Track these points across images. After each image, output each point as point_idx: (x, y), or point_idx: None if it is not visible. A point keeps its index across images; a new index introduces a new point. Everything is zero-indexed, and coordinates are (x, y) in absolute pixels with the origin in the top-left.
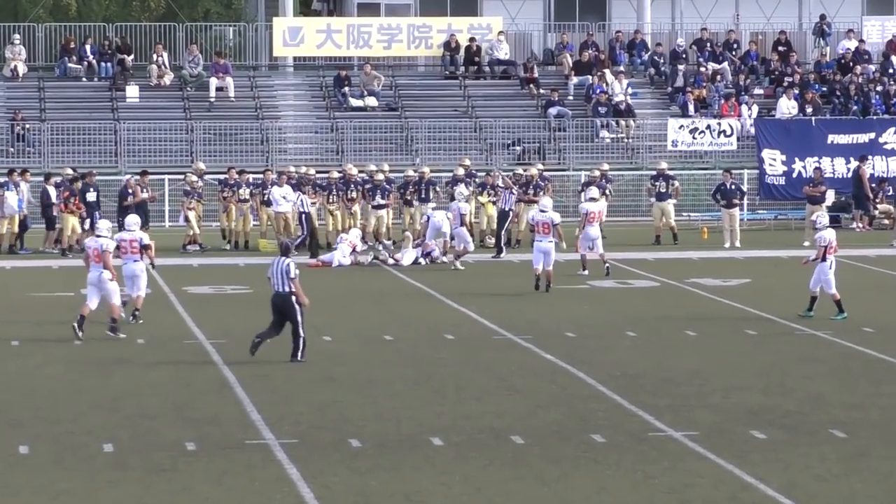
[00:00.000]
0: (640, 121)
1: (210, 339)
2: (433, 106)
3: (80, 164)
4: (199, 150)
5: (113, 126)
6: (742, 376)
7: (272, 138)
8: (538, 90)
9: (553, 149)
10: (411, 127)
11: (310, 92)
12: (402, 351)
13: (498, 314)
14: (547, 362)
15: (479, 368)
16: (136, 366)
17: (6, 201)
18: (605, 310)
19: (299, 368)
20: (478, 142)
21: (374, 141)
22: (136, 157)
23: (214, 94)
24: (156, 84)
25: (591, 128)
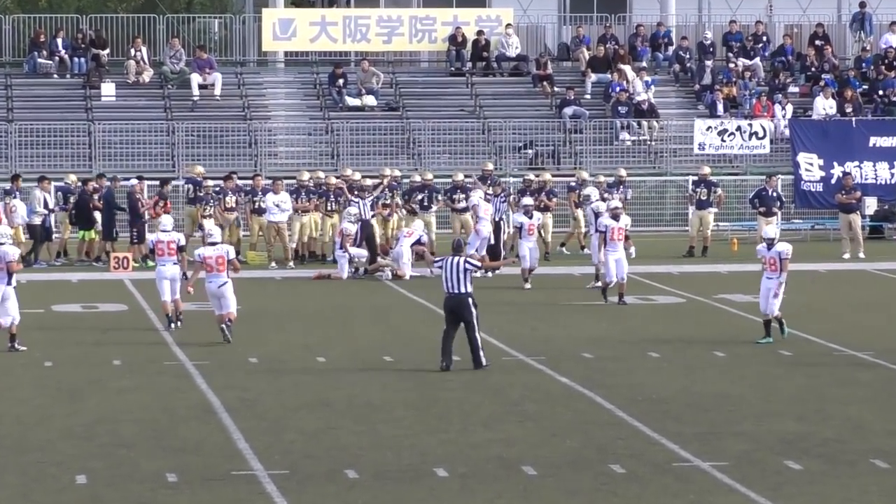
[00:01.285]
0: (664, 122)
1: (193, 361)
2: (437, 105)
3: (51, 169)
4: (181, 154)
5: (87, 127)
6: (775, 401)
7: (261, 140)
8: (552, 88)
9: (568, 152)
10: (413, 128)
11: (302, 90)
12: (403, 373)
13: (508, 333)
14: (562, 386)
15: (487, 392)
16: (111, 390)
17: (15, 210)
18: (626, 328)
19: (290, 393)
20: (486, 144)
21: (372, 143)
22: (112, 161)
23: (198, 93)
24: (134, 81)
25: (609, 129)
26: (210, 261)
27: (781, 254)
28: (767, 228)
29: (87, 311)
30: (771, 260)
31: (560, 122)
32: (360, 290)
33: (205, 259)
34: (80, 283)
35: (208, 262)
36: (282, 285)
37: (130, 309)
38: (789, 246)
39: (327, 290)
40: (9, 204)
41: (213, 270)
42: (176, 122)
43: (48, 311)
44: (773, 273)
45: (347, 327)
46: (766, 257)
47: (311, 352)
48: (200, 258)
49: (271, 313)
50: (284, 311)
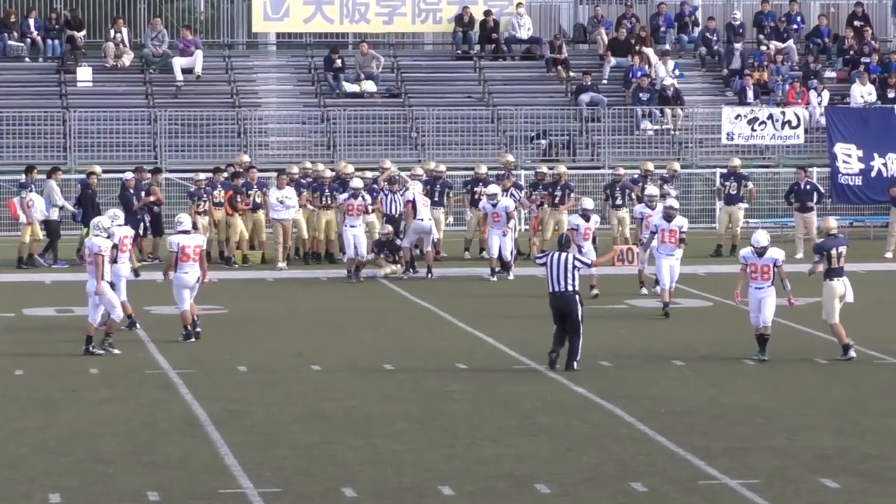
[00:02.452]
0: (689, 109)
1: (176, 369)
2: (442, 92)
3: (22, 160)
4: (164, 144)
5: (61, 115)
6: (811, 414)
7: (251, 130)
8: (567, 73)
9: (585, 143)
10: (416, 117)
11: (296, 75)
12: (405, 383)
13: (519, 339)
14: (578, 397)
15: (496, 404)
16: (88, 401)
17: (33, 204)
18: (647, 334)
19: (282, 404)
20: (495, 134)
21: (372, 133)
22: (89, 152)
23: (182, 78)
24: (112, 65)
25: (630, 118)
26: (188, 250)
27: (776, 261)
28: (759, 234)
29: (61, 315)
30: (763, 268)
31: (576, 109)
32: (358, 292)
33: (182, 248)
34: (53, 285)
35: (185, 252)
36: (273, 287)
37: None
38: (782, 252)
39: (322, 292)
40: (25, 198)
41: (188, 260)
42: (158, 109)
43: (19, 314)
44: (763, 282)
45: (344, 333)
46: (758, 265)
47: (304, 359)
48: (177, 247)
49: (262, 317)
50: (276, 315)
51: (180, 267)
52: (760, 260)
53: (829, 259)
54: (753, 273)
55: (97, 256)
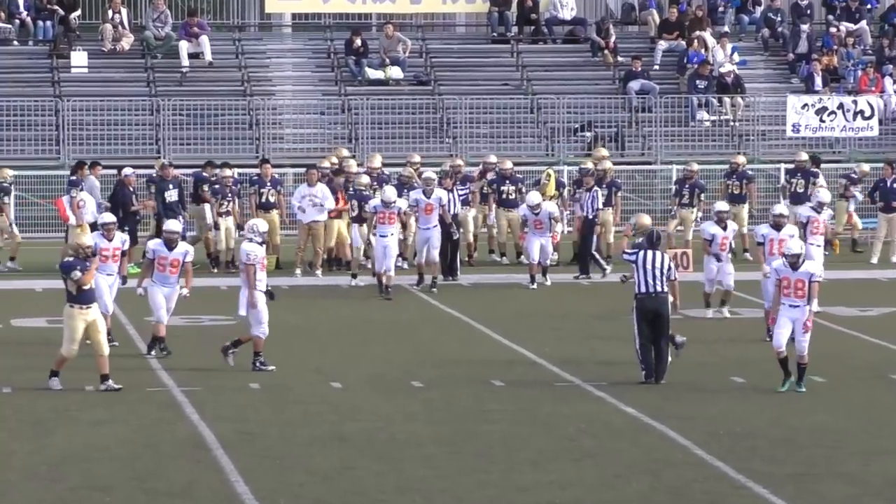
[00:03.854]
0: (751, 98)
1: (181, 386)
2: (476, 79)
3: (9, 155)
4: (168, 136)
5: (53, 104)
6: (886, 436)
7: (264, 121)
8: (615, 58)
9: (634, 135)
10: (447, 106)
11: (314, 60)
12: (435, 401)
13: (562, 353)
14: (627, 417)
15: (536, 425)
16: (83, 421)
17: (84, 205)
18: (704, 348)
19: (299, 425)
20: (535, 126)
21: (398, 125)
22: (85, 145)
23: (188, 63)
24: (110, 49)
25: (684, 107)
26: (164, 260)
27: (812, 276)
28: (791, 243)
29: (53, 327)
30: (798, 283)
31: (624, 98)
32: (382, 301)
33: (159, 259)
34: (44, 293)
35: (161, 263)
36: (289, 295)
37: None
38: (820, 266)
39: (343, 301)
40: (76, 198)
41: (164, 271)
42: (161, 98)
43: (6, 325)
44: (798, 300)
45: (367, 346)
46: (791, 279)
47: (323, 375)
48: (154, 255)
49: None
50: (292, 326)
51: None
52: (795, 273)
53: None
54: (786, 289)
55: (248, 266)
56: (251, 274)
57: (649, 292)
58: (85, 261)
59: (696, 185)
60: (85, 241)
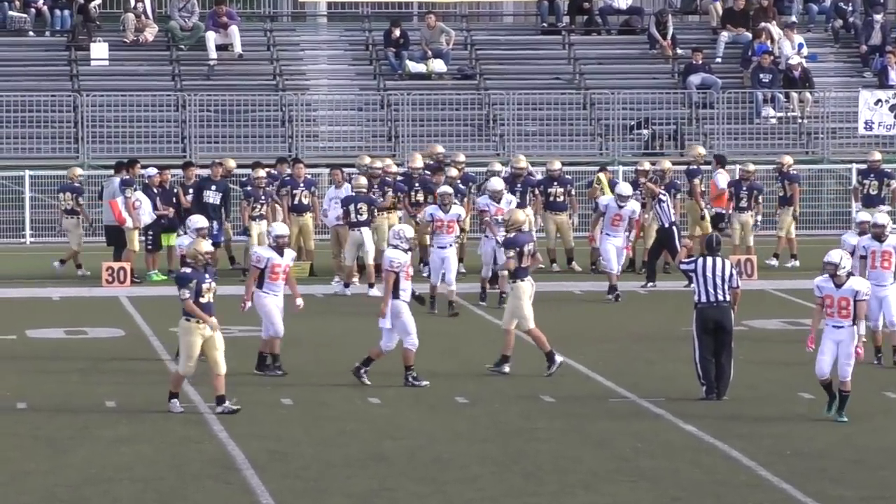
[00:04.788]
0: (820, 93)
1: (209, 402)
2: (525, 73)
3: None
4: (194, 134)
5: (72, 99)
6: None
7: (297, 118)
8: (674, 51)
9: (694, 132)
10: (494, 102)
11: (351, 52)
12: (481, 418)
13: (617, 367)
14: (686, 435)
15: (589, 443)
16: (103, 440)
17: (140, 206)
18: (769, 362)
19: (334, 444)
20: (588, 123)
21: (441, 122)
22: (105, 144)
23: (216, 56)
24: (133, 41)
25: (749, 103)
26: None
27: (858, 294)
28: (833, 253)
29: (72, 338)
30: (841, 301)
31: (684, 93)
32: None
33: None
34: (62, 301)
35: (275, 270)
36: (324, 305)
37: (128, 335)
38: (866, 283)
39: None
40: (130, 199)
41: (277, 279)
42: (187, 93)
43: (21, 337)
44: (842, 320)
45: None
46: (834, 298)
47: (361, 390)
48: (268, 263)
49: (310, 341)
50: (327, 338)
51: (272, 286)
52: (839, 291)
53: (520, 257)
54: (829, 308)
55: (389, 274)
56: (391, 282)
57: (710, 302)
58: (204, 271)
59: (753, 187)
60: (203, 247)
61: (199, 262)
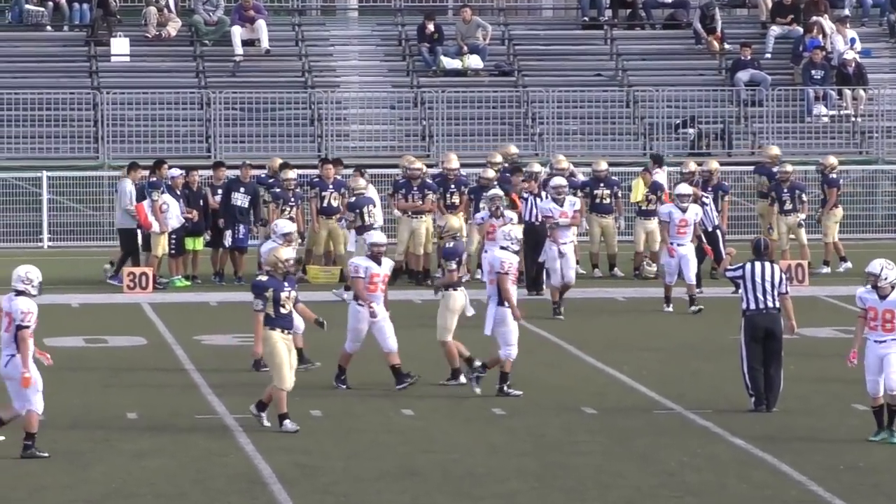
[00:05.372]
0: (874, 90)
1: (234, 413)
2: (565, 69)
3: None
4: (219, 133)
5: (91, 97)
6: None
7: (327, 116)
8: (721, 46)
9: (743, 132)
10: (533, 100)
11: (383, 48)
12: (519, 431)
13: (662, 377)
14: (734, 449)
15: (632, 457)
16: (124, 453)
17: (167, 209)
18: (821, 371)
19: (366, 457)
20: (631, 121)
21: (477, 120)
22: (126, 143)
23: (242, 51)
24: (155, 36)
25: (799, 101)
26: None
27: None
28: (875, 263)
29: (91, 347)
30: (886, 314)
31: (731, 91)
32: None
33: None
34: (82, 308)
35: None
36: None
37: (150, 343)
38: None
39: (416, 319)
40: (157, 201)
41: (376, 290)
42: (212, 90)
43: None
44: (886, 334)
45: (443, 368)
46: (878, 310)
47: (393, 401)
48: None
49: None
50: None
51: (372, 297)
52: (883, 303)
53: (458, 266)
54: (873, 321)
55: (501, 276)
56: (506, 285)
57: (759, 309)
58: (283, 280)
59: (795, 187)
60: (283, 254)
61: (278, 271)
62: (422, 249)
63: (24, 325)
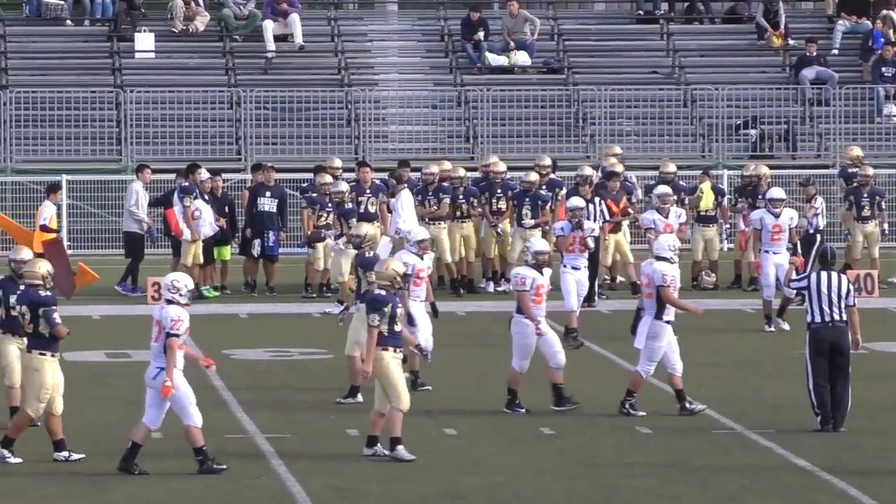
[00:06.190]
0: None
1: (266, 433)
2: (618, 66)
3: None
4: (250, 134)
5: (114, 96)
6: None
7: (365, 116)
8: (785, 41)
9: (808, 133)
10: (584, 99)
11: (424, 44)
12: (569, 451)
13: (722, 393)
14: (799, 471)
15: (691, 480)
16: (148, 476)
17: (200, 216)
18: (891, 390)
19: (406, 480)
20: (689, 122)
21: (524, 121)
22: (151, 145)
23: (274, 47)
24: (182, 30)
25: (868, 100)
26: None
27: None
28: None
29: (113, 361)
30: None
31: (796, 89)
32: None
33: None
34: (103, 321)
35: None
36: None
37: None
38: None
39: (457, 331)
40: (189, 207)
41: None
42: (242, 89)
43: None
44: None
45: (487, 384)
46: None
47: (435, 420)
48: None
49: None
50: None
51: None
52: None
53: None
54: None
55: (664, 290)
56: (671, 297)
57: (825, 322)
58: (395, 294)
59: (875, 192)
60: (396, 267)
61: (395, 286)
62: (448, 257)
63: (173, 333)
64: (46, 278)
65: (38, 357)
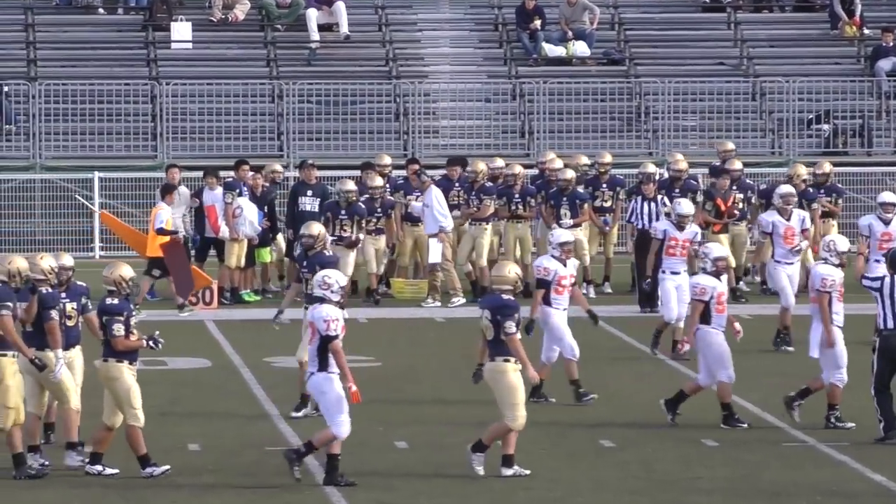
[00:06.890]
0: None
1: None
2: (683, 57)
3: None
4: (293, 129)
5: (149, 88)
6: None
7: (414, 110)
8: (860, 31)
9: (884, 128)
10: (647, 91)
11: (477, 34)
12: (630, 465)
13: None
14: (875, 487)
15: (759, 496)
16: (185, 489)
17: (241, 214)
18: None
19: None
20: (758, 117)
21: (583, 115)
22: (188, 140)
23: (318, 37)
24: (221, 19)
25: None
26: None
27: None
28: None
29: (149, 369)
30: None
31: (872, 82)
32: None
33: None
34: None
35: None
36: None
37: (215, 366)
38: None
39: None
40: (231, 205)
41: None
42: (285, 81)
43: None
44: None
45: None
46: None
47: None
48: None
49: (428, 372)
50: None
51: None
52: None
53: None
54: None
55: (822, 295)
56: (825, 304)
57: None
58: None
59: (834, 189)
60: (518, 271)
61: (516, 289)
62: (483, 261)
63: (331, 336)
64: (121, 283)
65: (116, 365)
